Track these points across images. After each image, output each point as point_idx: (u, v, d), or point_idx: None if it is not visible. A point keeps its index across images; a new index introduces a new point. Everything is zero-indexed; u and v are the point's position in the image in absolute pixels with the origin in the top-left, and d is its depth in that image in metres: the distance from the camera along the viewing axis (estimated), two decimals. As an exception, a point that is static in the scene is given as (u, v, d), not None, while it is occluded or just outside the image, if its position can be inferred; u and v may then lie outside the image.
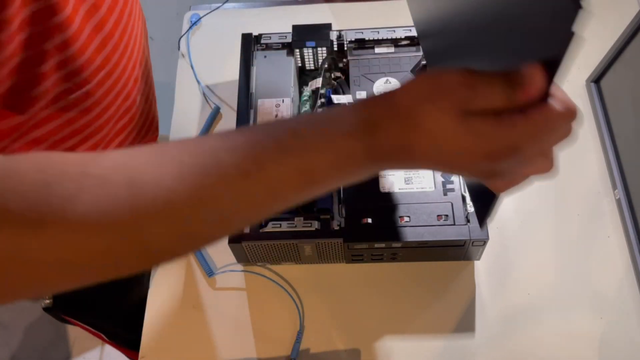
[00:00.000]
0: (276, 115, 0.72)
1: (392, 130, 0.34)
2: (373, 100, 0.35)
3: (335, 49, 0.77)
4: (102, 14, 0.54)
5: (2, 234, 0.28)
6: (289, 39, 0.77)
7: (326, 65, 0.77)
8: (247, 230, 0.63)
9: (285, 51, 0.77)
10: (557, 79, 0.32)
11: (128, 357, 1.00)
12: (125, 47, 0.60)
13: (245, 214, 0.34)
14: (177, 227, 0.32)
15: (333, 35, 0.76)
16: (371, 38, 0.76)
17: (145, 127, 0.73)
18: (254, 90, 0.74)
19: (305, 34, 0.76)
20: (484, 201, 0.44)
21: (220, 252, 0.71)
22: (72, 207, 0.29)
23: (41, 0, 0.46)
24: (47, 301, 0.71)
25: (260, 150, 0.32)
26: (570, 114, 0.33)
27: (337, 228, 0.63)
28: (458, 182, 0.64)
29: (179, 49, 0.89)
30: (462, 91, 0.33)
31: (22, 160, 0.31)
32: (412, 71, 0.74)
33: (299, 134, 0.33)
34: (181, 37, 0.90)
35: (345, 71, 0.77)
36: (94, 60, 0.55)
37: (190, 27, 0.90)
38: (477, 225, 0.62)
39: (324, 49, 0.76)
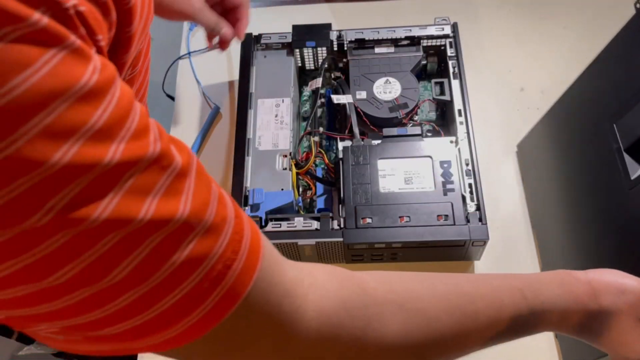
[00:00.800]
0: (276, 116, 0.72)
1: (585, 320, 0.41)
2: (581, 292, 0.41)
3: (335, 48, 0.77)
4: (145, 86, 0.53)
5: (335, 344, 0.33)
6: (289, 39, 0.77)
7: (326, 65, 0.77)
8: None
9: (285, 51, 0.77)
10: None
11: None
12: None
13: (469, 351, 0.39)
14: (436, 353, 0.37)
15: (333, 35, 0.76)
16: (371, 38, 0.76)
17: None
18: (253, 90, 0.74)
19: (305, 34, 0.76)
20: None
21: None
22: (384, 328, 0.34)
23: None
24: None
25: (501, 306, 0.39)
26: None
27: (337, 228, 0.63)
28: (458, 182, 0.64)
29: (179, 49, 0.89)
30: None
31: (328, 281, 0.34)
32: (411, 71, 0.74)
33: (525, 297, 0.39)
34: (181, 37, 0.90)
35: (345, 71, 0.77)
36: None
37: (191, 27, 0.90)
38: (477, 225, 0.62)
39: (324, 48, 0.76)
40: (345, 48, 0.77)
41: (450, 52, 0.74)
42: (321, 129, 0.75)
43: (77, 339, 0.26)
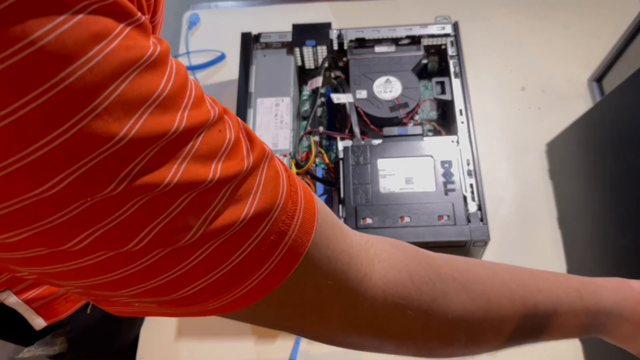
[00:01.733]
0: (275, 115, 0.71)
1: (636, 331, 0.40)
2: (626, 301, 0.41)
3: (335, 48, 0.77)
4: None
5: (402, 316, 0.33)
6: (288, 38, 0.76)
7: (326, 65, 0.76)
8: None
9: (285, 50, 0.77)
10: None
11: None
12: None
13: (522, 344, 0.39)
14: (493, 337, 0.37)
15: (333, 34, 0.76)
16: (371, 37, 0.76)
17: None
18: (253, 90, 0.73)
19: (305, 33, 0.76)
20: None
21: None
22: (448, 306, 0.34)
23: None
24: (61, 346, 0.66)
25: (559, 302, 0.38)
26: None
27: (337, 228, 0.63)
28: (459, 182, 0.64)
29: (178, 49, 0.89)
30: None
31: (395, 253, 0.34)
32: (412, 70, 0.73)
33: (582, 297, 0.39)
34: (180, 36, 0.89)
35: (345, 70, 0.77)
36: None
37: (190, 27, 0.90)
38: (478, 225, 0.61)
39: (324, 48, 0.76)
40: (346, 47, 0.76)
41: (451, 51, 0.74)
42: (321, 129, 0.74)
43: (150, 304, 0.27)
